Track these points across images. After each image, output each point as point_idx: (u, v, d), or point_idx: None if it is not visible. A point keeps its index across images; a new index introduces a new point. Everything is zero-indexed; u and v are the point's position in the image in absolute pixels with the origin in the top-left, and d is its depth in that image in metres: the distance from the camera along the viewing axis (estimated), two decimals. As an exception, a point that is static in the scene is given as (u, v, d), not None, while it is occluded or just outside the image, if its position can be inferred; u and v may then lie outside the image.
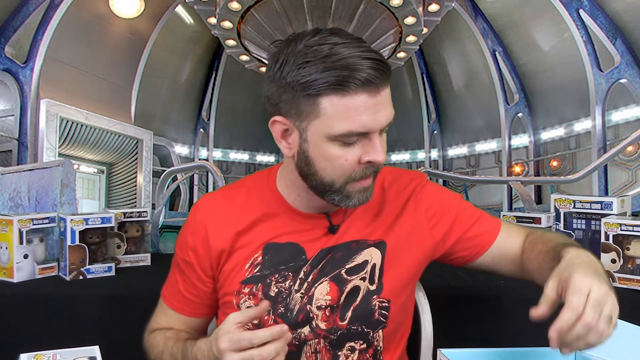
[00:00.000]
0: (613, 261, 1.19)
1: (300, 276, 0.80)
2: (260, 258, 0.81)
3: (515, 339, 1.08)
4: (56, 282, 1.37)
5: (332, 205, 0.80)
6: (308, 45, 0.70)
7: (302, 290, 0.79)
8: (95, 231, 1.42)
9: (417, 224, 0.85)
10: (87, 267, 1.41)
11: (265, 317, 0.78)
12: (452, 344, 0.65)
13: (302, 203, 0.83)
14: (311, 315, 0.79)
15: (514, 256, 0.86)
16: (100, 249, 1.44)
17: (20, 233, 1.35)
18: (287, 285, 0.80)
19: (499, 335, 1.11)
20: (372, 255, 0.81)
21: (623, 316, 0.67)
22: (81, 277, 1.40)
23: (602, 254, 1.20)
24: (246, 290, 0.80)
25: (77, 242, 1.38)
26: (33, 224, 1.38)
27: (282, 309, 0.79)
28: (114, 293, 1.30)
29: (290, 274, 0.80)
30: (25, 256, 1.36)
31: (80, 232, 1.39)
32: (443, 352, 0.61)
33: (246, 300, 0.80)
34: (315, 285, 0.79)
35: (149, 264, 1.65)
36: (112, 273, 1.46)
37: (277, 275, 0.80)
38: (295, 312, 0.79)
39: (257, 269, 0.80)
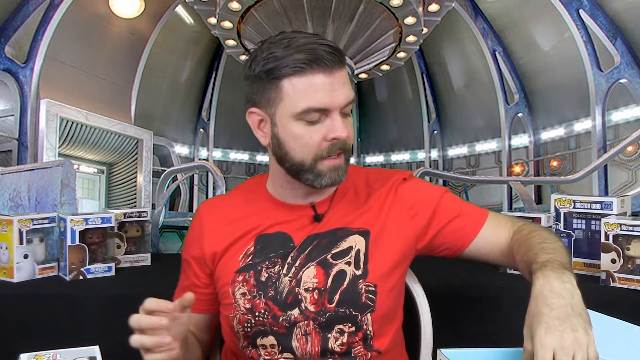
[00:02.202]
0: (613, 261, 1.19)
1: (288, 261, 0.84)
2: (252, 249, 0.87)
3: (515, 339, 1.08)
4: (56, 282, 1.37)
5: (311, 189, 0.86)
6: (272, 41, 0.81)
7: (290, 274, 0.84)
8: (95, 231, 1.42)
9: (399, 215, 0.89)
10: (87, 267, 1.41)
11: (257, 301, 0.83)
12: (452, 344, 0.65)
13: (286, 193, 0.90)
14: (300, 297, 0.82)
15: (502, 249, 0.88)
16: (100, 249, 1.44)
17: (20, 233, 1.35)
18: (276, 270, 0.84)
19: (499, 335, 1.11)
20: (356, 242, 0.85)
21: (623, 316, 0.67)
22: (81, 277, 1.40)
23: (602, 254, 1.20)
24: (240, 278, 0.85)
25: (77, 242, 1.38)
26: (33, 224, 1.38)
27: (272, 292, 0.83)
28: (114, 293, 1.30)
29: (279, 260, 0.85)
30: (25, 256, 1.36)
31: (80, 232, 1.39)
32: (443, 352, 0.62)
33: (240, 288, 0.84)
34: (303, 269, 0.84)
35: (149, 264, 1.65)
36: (112, 273, 1.46)
37: (267, 262, 0.85)
38: (284, 295, 0.82)
39: (250, 258, 0.86)
